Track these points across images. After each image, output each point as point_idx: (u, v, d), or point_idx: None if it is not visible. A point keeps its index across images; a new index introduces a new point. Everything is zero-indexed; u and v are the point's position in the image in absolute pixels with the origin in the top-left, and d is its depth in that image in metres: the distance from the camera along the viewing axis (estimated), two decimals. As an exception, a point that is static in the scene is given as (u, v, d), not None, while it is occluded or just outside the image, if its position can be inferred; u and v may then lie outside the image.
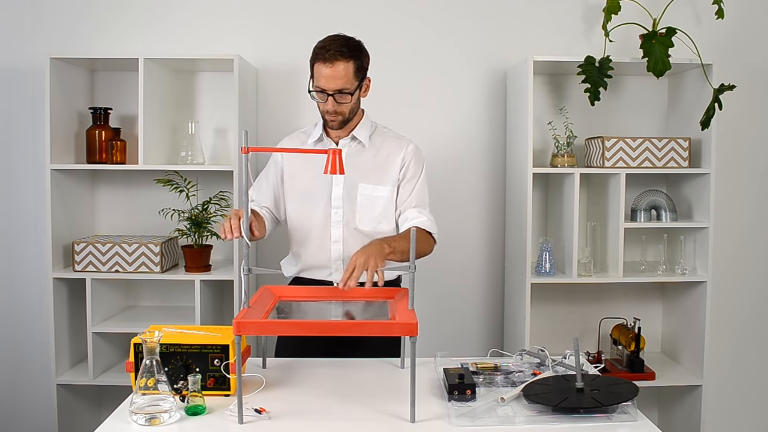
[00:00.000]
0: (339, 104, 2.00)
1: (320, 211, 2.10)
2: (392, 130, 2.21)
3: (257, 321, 1.56)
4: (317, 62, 1.98)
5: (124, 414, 1.54)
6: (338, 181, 2.08)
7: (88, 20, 2.91)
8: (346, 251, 2.08)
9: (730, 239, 3.04)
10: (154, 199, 2.88)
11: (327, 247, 2.10)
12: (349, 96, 2.00)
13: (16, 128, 2.94)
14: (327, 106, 2.01)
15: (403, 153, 2.13)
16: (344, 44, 1.98)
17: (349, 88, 1.99)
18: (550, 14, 2.97)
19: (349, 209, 2.08)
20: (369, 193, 2.09)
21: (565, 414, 1.54)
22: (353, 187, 2.08)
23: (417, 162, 2.15)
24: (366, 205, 2.09)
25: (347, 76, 1.98)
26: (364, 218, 2.09)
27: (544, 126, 2.90)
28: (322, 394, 1.68)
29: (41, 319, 2.93)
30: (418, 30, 2.96)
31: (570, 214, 2.70)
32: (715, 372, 3.00)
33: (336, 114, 2.02)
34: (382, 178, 2.10)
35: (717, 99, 2.60)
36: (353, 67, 1.99)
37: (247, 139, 1.63)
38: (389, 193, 2.11)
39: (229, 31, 2.92)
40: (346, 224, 2.08)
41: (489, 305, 3.07)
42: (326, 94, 1.98)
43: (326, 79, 1.97)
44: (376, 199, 2.09)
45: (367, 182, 2.09)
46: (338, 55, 1.95)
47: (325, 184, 2.09)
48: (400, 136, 2.19)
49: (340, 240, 2.09)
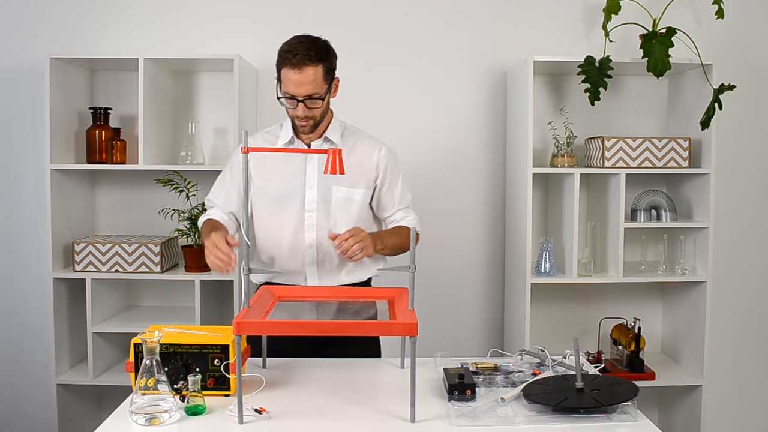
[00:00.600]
0: (310, 109, 1.94)
1: (294, 216, 2.04)
2: (362, 130, 2.16)
3: (257, 321, 1.55)
4: (284, 67, 1.90)
5: (124, 414, 1.54)
6: (311, 184, 2.03)
7: (88, 20, 2.91)
8: (320, 256, 2.05)
9: (730, 239, 3.04)
10: (154, 199, 2.88)
11: (300, 252, 2.05)
12: (320, 101, 1.94)
13: (16, 128, 2.94)
14: (297, 112, 1.94)
15: (377, 156, 2.09)
16: (311, 47, 1.90)
17: (320, 92, 1.93)
18: (550, 14, 2.97)
19: (324, 213, 2.04)
20: (343, 196, 2.05)
21: (565, 414, 1.54)
22: (327, 189, 2.03)
23: (394, 165, 2.13)
24: (341, 207, 2.05)
25: (317, 81, 1.90)
26: (339, 221, 2.04)
27: (544, 126, 2.90)
28: (322, 394, 1.68)
29: (41, 319, 2.93)
30: (418, 30, 2.96)
31: (570, 214, 2.70)
32: (715, 372, 3.00)
33: (307, 119, 1.96)
34: (356, 181, 2.06)
35: (717, 99, 2.60)
36: (322, 70, 1.91)
37: (247, 139, 1.63)
38: (363, 195, 2.07)
39: (229, 31, 2.92)
40: (320, 228, 2.03)
41: (489, 305, 3.07)
42: (296, 100, 1.92)
43: (295, 84, 1.89)
44: (351, 201, 2.06)
45: (341, 185, 2.04)
46: (306, 59, 1.88)
47: (297, 188, 2.04)
48: (371, 136, 2.15)
49: (314, 244, 2.04)
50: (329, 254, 2.05)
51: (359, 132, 2.15)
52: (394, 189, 2.13)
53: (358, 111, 2.94)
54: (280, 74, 1.93)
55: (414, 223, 2.14)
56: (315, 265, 2.06)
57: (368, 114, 2.95)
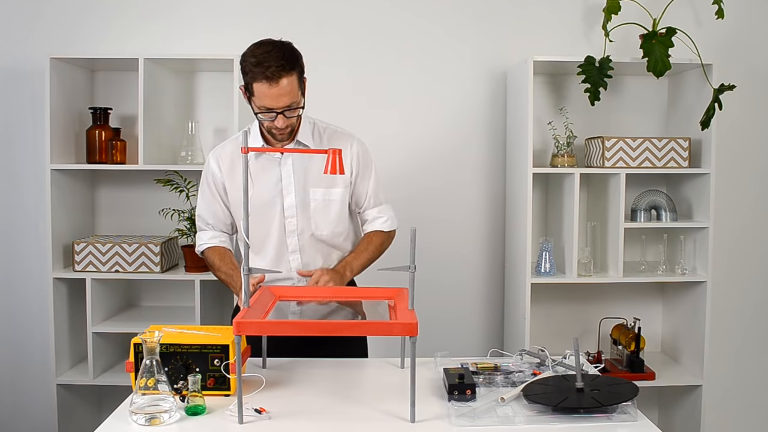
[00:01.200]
0: (289, 119, 1.89)
1: (275, 223, 2.01)
2: (332, 125, 2.10)
3: (257, 321, 1.55)
4: (257, 82, 1.82)
5: (124, 414, 1.54)
6: (288, 190, 2.00)
7: (89, 20, 2.91)
8: (304, 259, 2.04)
9: (730, 239, 3.04)
10: (154, 199, 2.88)
11: (285, 258, 2.04)
12: (299, 108, 1.89)
13: (16, 128, 2.94)
14: (277, 123, 1.88)
15: (350, 152, 2.05)
16: (282, 56, 1.82)
17: (298, 100, 1.88)
18: (550, 14, 2.97)
19: (303, 217, 2.01)
20: (321, 198, 2.02)
21: (565, 414, 1.54)
22: (305, 193, 2.01)
23: (366, 159, 2.09)
24: (320, 210, 2.02)
25: (293, 90, 1.85)
26: (320, 224, 2.03)
27: (544, 126, 2.90)
28: (322, 394, 1.68)
29: (41, 319, 2.93)
30: (417, 30, 2.96)
31: (570, 214, 2.70)
32: (715, 372, 3.00)
33: (286, 128, 1.91)
34: (332, 181, 2.03)
35: (717, 99, 2.60)
36: (296, 77, 1.85)
37: (247, 139, 1.63)
38: (341, 195, 2.05)
39: (229, 31, 2.92)
40: (301, 233, 2.02)
41: (489, 305, 3.07)
42: (274, 112, 1.86)
43: (272, 98, 1.83)
44: (330, 202, 2.03)
45: (318, 186, 2.01)
46: (280, 70, 1.80)
47: (275, 195, 2.00)
48: (341, 130, 2.10)
49: (297, 249, 2.03)
50: (313, 256, 2.05)
51: (329, 127, 2.09)
52: (367, 182, 2.10)
53: (357, 111, 2.95)
54: (251, 87, 1.85)
55: (387, 224, 2.13)
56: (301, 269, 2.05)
57: (368, 114, 2.96)
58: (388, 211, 2.17)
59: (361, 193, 2.11)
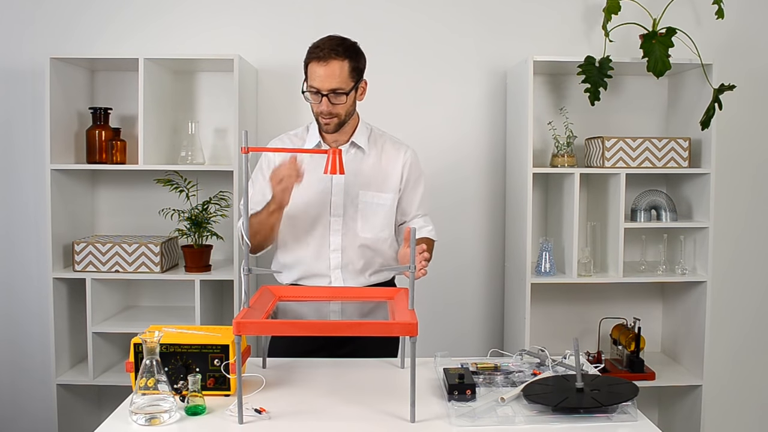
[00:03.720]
0: (334, 105, 1.94)
1: (320, 220, 2.04)
2: (387, 133, 2.17)
3: (257, 321, 1.55)
4: (311, 62, 1.93)
5: (124, 414, 1.54)
6: (338, 189, 2.04)
7: (88, 20, 2.91)
8: (345, 259, 2.05)
9: (730, 239, 3.04)
10: (154, 199, 2.88)
11: (326, 255, 2.06)
12: (344, 96, 1.94)
13: (16, 128, 2.94)
14: (321, 107, 1.94)
15: (402, 159, 2.11)
16: (339, 44, 1.93)
17: (344, 87, 1.93)
18: (550, 14, 2.97)
19: (351, 217, 2.04)
20: (371, 201, 2.05)
21: (565, 414, 1.54)
22: (354, 194, 2.04)
23: (418, 168, 2.14)
24: (368, 212, 2.05)
25: (342, 76, 1.92)
26: (366, 226, 2.06)
27: (544, 126, 2.90)
28: (322, 394, 1.68)
29: (41, 319, 2.93)
30: (418, 31, 2.96)
31: (570, 214, 2.70)
32: (715, 372, 3.00)
33: (331, 116, 1.96)
34: (383, 185, 2.07)
35: (717, 99, 2.60)
36: (348, 66, 1.93)
37: (247, 139, 1.63)
38: (391, 200, 2.08)
39: (229, 31, 2.92)
40: (346, 232, 2.04)
41: (489, 305, 3.07)
42: (320, 94, 1.93)
43: (320, 78, 1.91)
44: (379, 206, 2.06)
45: (368, 189, 2.05)
46: (333, 53, 1.90)
47: (323, 192, 2.04)
48: (397, 140, 2.16)
49: (339, 248, 2.05)
50: (353, 258, 2.06)
51: (385, 135, 2.16)
52: (416, 191, 2.13)
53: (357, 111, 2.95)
54: (307, 70, 1.95)
55: (433, 234, 2.15)
56: (339, 269, 2.06)
57: (367, 114, 2.95)
58: (431, 223, 2.18)
59: (409, 202, 2.13)
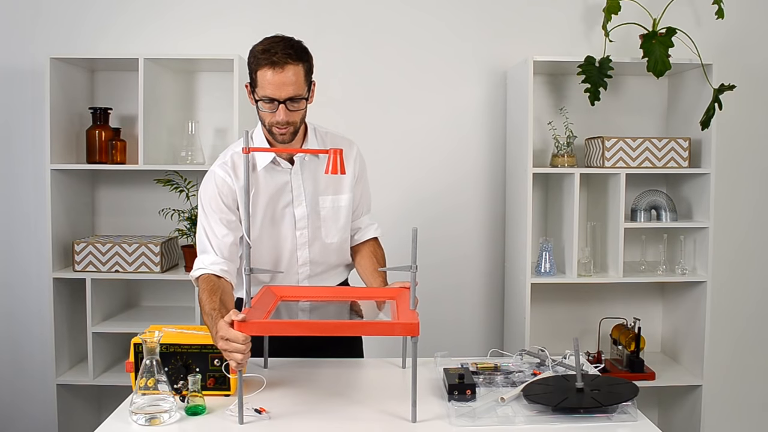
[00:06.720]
0: (291, 113, 1.79)
1: (286, 236, 1.94)
2: (328, 129, 2.05)
3: (258, 321, 1.55)
4: (262, 68, 1.75)
5: (124, 414, 1.54)
6: (300, 200, 1.94)
7: (88, 20, 2.91)
8: (312, 271, 1.99)
9: (730, 239, 3.04)
10: (154, 199, 2.88)
11: (294, 270, 1.98)
12: (303, 101, 1.80)
13: (16, 128, 2.94)
14: (278, 116, 1.77)
15: (353, 155, 2.02)
16: (290, 46, 1.77)
17: (302, 93, 1.78)
18: (550, 14, 2.97)
19: (313, 226, 1.96)
20: (331, 205, 1.97)
21: (565, 414, 1.54)
22: (315, 203, 1.95)
23: (364, 164, 2.06)
24: (329, 218, 1.97)
25: (298, 81, 1.76)
26: (330, 231, 1.98)
27: (544, 126, 2.90)
28: (322, 394, 1.68)
29: (41, 319, 2.93)
30: (418, 31, 2.96)
31: (570, 214, 2.70)
32: (715, 372, 2.99)
33: (287, 125, 1.80)
34: (339, 186, 1.98)
35: (717, 99, 2.60)
36: (303, 70, 1.78)
37: (247, 139, 1.63)
38: (348, 200, 2.00)
39: (229, 31, 2.92)
40: (312, 243, 1.97)
41: (489, 305, 3.07)
42: (276, 102, 1.76)
43: (275, 86, 1.74)
44: (339, 209, 1.99)
45: (327, 194, 1.96)
46: (287, 58, 1.74)
47: (285, 206, 1.92)
48: (341, 135, 2.05)
49: (307, 262, 1.98)
50: (321, 266, 2.02)
51: (329, 132, 2.04)
52: (361, 187, 2.06)
53: (357, 111, 2.95)
54: (255, 77, 1.78)
55: (379, 231, 2.11)
56: (308, 280, 2.00)
57: (367, 114, 2.96)
58: (373, 219, 2.14)
59: (357, 197, 2.06)
